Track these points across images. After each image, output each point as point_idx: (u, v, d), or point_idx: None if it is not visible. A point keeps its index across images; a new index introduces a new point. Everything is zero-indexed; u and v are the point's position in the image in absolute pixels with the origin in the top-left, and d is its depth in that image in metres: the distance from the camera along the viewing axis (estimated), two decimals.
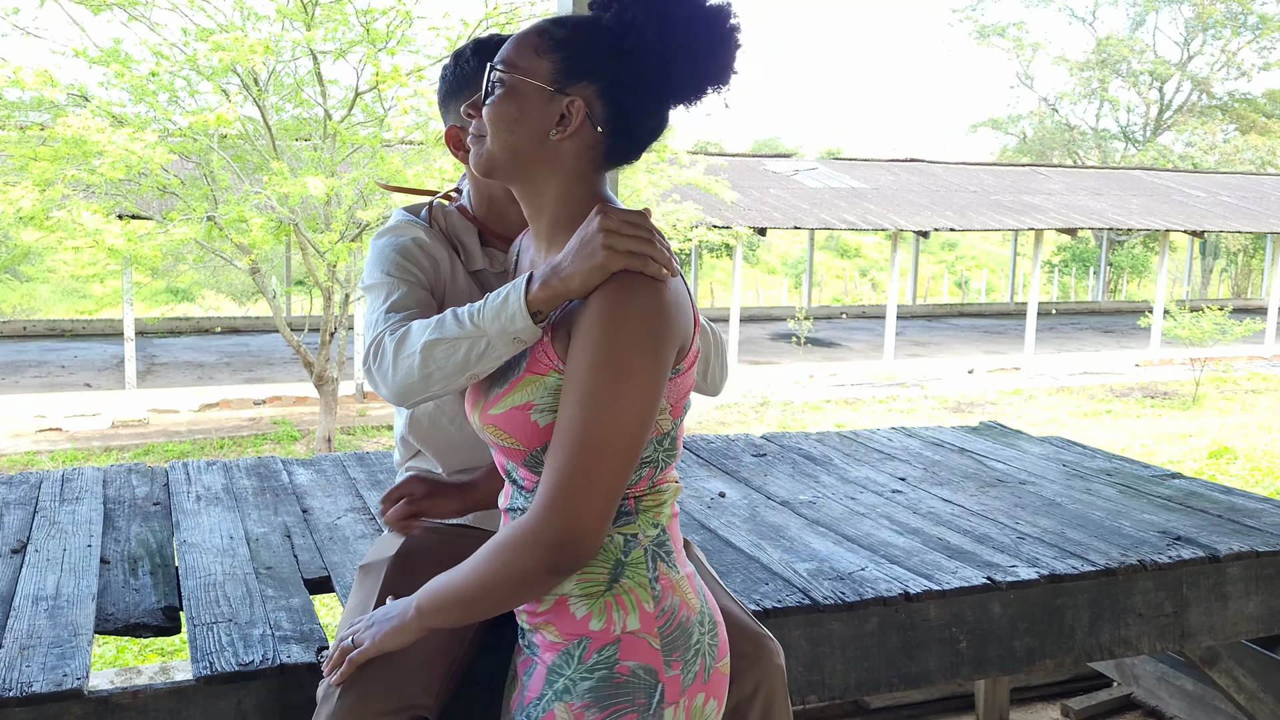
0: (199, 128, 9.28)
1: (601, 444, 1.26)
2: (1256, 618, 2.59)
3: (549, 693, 1.35)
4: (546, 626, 1.38)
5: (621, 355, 1.26)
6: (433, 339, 1.41)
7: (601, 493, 1.27)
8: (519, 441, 1.34)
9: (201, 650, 1.87)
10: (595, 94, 1.33)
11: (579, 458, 1.26)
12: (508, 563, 1.30)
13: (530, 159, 1.36)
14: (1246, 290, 30.55)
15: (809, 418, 13.12)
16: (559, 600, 1.36)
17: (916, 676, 2.28)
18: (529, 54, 1.35)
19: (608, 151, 1.36)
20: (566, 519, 1.26)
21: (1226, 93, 34.36)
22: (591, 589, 1.34)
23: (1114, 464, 3.50)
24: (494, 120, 1.35)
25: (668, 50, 1.30)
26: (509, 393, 1.35)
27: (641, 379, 1.27)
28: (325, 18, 9.75)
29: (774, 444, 3.68)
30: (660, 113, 1.36)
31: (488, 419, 1.37)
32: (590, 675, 1.33)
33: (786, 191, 18.24)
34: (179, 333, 17.81)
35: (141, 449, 10.96)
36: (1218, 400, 15.14)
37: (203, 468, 3.15)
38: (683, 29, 1.30)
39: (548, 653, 1.37)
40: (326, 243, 9.57)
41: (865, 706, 4.11)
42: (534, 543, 1.28)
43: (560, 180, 1.37)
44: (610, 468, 1.27)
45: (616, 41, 1.32)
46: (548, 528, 1.27)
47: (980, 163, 26.50)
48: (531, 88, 1.34)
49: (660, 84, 1.33)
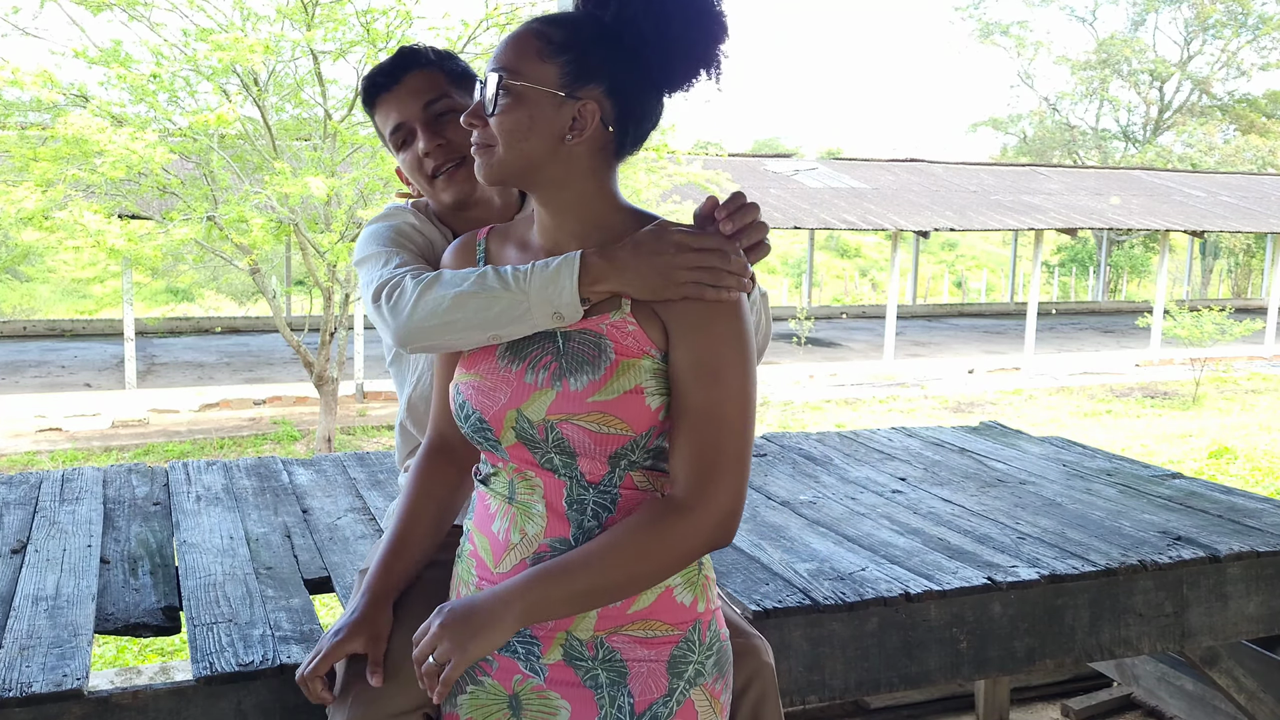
0: (199, 128, 9.27)
1: (744, 424, 1.34)
2: (1257, 618, 2.59)
3: (679, 684, 1.39)
4: (646, 624, 1.38)
5: (745, 323, 1.36)
6: (470, 290, 1.40)
7: (746, 464, 1.35)
8: (629, 425, 1.34)
9: (201, 650, 1.87)
10: (604, 94, 1.35)
11: (730, 437, 1.33)
12: (665, 542, 1.33)
13: (545, 164, 1.37)
14: (1246, 290, 30.55)
15: (809, 418, 13.12)
16: (664, 593, 1.39)
17: (917, 677, 2.28)
18: (533, 59, 1.34)
19: (618, 147, 1.39)
20: (728, 495, 1.33)
21: (1226, 93, 34.37)
22: (690, 574, 1.42)
23: (1114, 464, 3.50)
24: (506, 130, 1.35)
25: (665, 42, 1.33)
26: (610, 378, 1.34)
27: (754, 346, 1.38)
28: (325, 18, 9.75)
29: (774, 444, 3.68)
30: (661, 102, 1.40)
31: (589, 406, 1.33)
32: (711, 651, 1.43)
33: (786, 191, 18.24)
34: (179, 333, 17.81)
35: (141, 449, 10.96)
36: (1218, 400, 15.14)
37: (203, 468, 3.15)
38: (678, 20, 1.33)
39: (655, 648, 1.38)
40: (326, 243, 9.57)
41: (865, 706, 4.10)
42: (702, 521, 1.33)
43: (578, 181, 1.39)
44: (749, 438, 1.36)
45: (616, 39, 1.34)
46: (714, 505, 1.33)
47: (980, 163, 26.51)
48: (541, 94, 1.34)
49: (660, 76, 1.37)
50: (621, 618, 1.38)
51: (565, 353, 1.37)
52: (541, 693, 1.40)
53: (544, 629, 1.39)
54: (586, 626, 1.38)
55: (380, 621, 1.51)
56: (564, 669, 1.39)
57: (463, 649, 1.32)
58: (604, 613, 1.37)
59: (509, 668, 1.42)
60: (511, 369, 1.40)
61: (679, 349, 1.34)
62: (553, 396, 1.35)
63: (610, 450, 1.35)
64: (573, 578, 1.33)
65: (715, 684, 1.43)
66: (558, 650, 1.39)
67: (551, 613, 1.35)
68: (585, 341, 1.37)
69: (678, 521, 1.32)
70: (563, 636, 1.39)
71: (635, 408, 1.34)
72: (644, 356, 1.35)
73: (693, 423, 1.33)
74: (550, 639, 1.39)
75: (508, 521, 1.42)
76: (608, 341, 1.36)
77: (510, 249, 1.50)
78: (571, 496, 1.38)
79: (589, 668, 1.39)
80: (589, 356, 1.36)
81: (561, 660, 1.39)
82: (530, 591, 1.33)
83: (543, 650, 1.40)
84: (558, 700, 1.39)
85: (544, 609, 1.34)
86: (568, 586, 1.33)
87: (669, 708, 1.38)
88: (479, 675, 1.44)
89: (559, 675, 1.39)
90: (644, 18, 1.32)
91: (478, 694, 1.44)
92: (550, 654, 1.39)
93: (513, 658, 1.41)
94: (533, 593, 1.33)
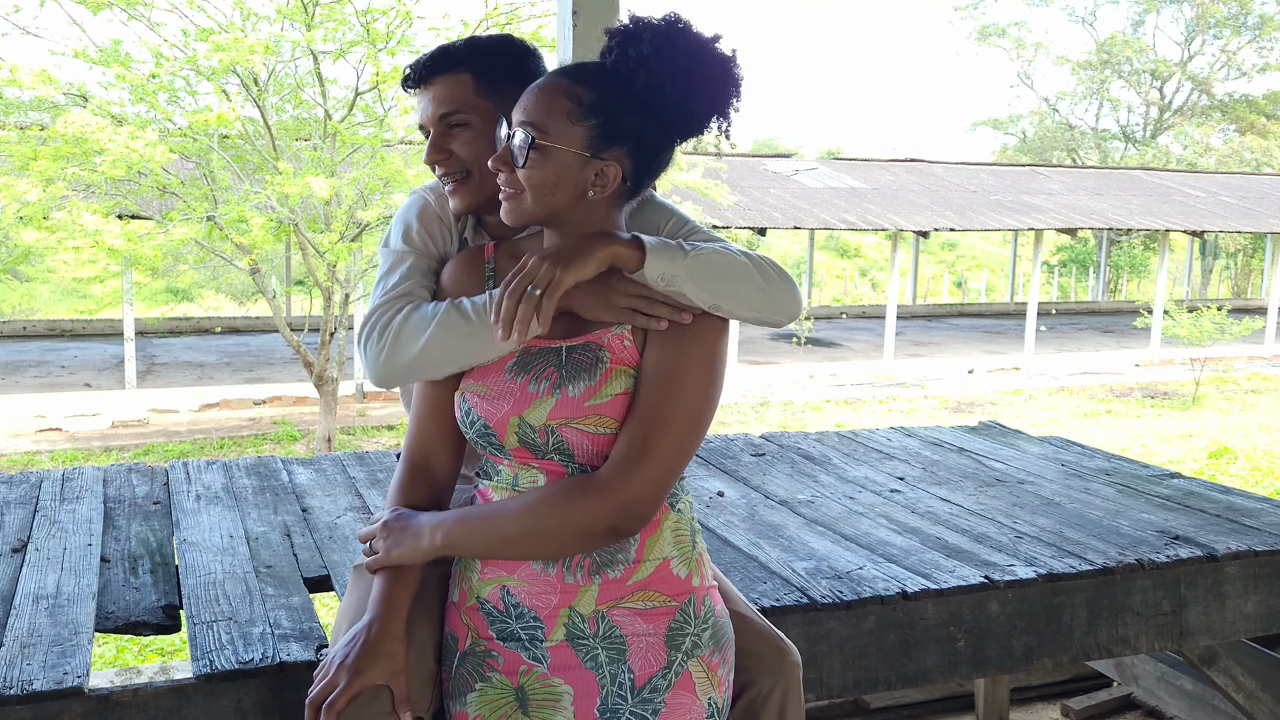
0: (199, 127, 9.28)
1: (683, 430, 1.43)
2: (1255, 617, 2.59)
3: (676, 656, 1.46)
4: (645, 595, 1.45)
5: (716, 349, 1.48)
6: (435, 336, 1.54)
7: (675, 465, 1.43)
8: (619, 423, 1.44)
9: (201, 648, 1.87)
10: (626, 154, 1.46)
11: (665, 432, 1.41)
12: (572, 511, 1.40)
13: (567, 213, 1.47)
14: (1246, 290, 30.54)
15: (809, 418, 13.12)
16: (661, 564, 1.47)
17: (914, 675, 2.28)
18: (562, 120, 1.43)
19: (630, 193, 1.51)
20: (642, 484, 1.40)
21: (1226, 93, 34.37)
22: (684, 549, 1.50)
23: (1113, 464, 3.50)
24: (533, 185, 1.45)
25: (686, 104, 1.44)
26: (604, 383, 1.45)
27: (722, 370, 1.48)
28: (325, 18, 9.75)
29: (773, 443, 3.69)
30: (674, 148, 1.52)
31: (586, 410, 1.43)
32: (706, 624, 1.50)
33: (786, 191, 18.24)
34: (179, 333, 17.81)
35: (141, 449, 10.96)
36: (1218, 400, 15.14)
37: (203, 467, 3.16)
38: (701, 83, 1.43)
39: (653, 621, 1.45)
40: (326, 243, 9.57)
41: (865, 706, 4.11)
42: (608, 499, 1.39)
43: (594, 223, 1.50)
44: (686, 444, 1.44)
45: (642, 103, 1.42)
46: (624, 490, 1.39)
47: (980, 163, 26.50)
48: (569, 155, 1.43)
49: (679, 131, 1.48)
50: (621, 590, 1.45)
51: (566, 364, 1.48)
52: (545, 680, 1.46)
53: (547, 607, 1.45)
54: (589, 601, 1.45)
55: (399, 653, 1.48)
56: (566, 651, 1.45)
57: (387, 553, 1.49)
58: (605, 585, 1.45)
59: (513, 660, 1.47)
60: (516, 380, 1.49)
61: (649, 355, 1.46)
62: (552, 403, 1.45)
63: (605, 450, 1.44)
64: (488, 524, 1.45)
65: (712, 657, 1.49)
66: (560, 630, 1.45)
67: (467, 550, 1.48)
68: (586, 354, 1.47)
69: (587, 497, 1.41)
70: (565, 614, 1.45)
71: (624, 407, 1.45)
72: (634, 366, 1.47)
73: (636, 417, 1.43)
74: (554, 617, 1.45)
75: None
76: (605, 353, 1.47)
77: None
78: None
79: (590, 646, 1.45)
80: (587, 366, 1.47)
81: (564, 640, 1.45)
82: (455, 528, 1.46)
83: (546, 631, 1.45)
84: (561, 686, 1.45)
85: (460, 546, 1.47)
86: (483, 531, 1.45)
87: (668, 679, 1.45)
88: (486, 672, 1.48)
89: (561, 659, 1.45)
90: (671, 84, 1.41)
91: (486, 691, 1.48)
92: (554, 634, 1.45)
93: (516, 648, 1.46)
94: (456, 529, 1.46)
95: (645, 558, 1.46)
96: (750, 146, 38.09)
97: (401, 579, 1.51)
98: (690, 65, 1.41)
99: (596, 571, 1.45)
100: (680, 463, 1.44)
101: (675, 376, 1.43)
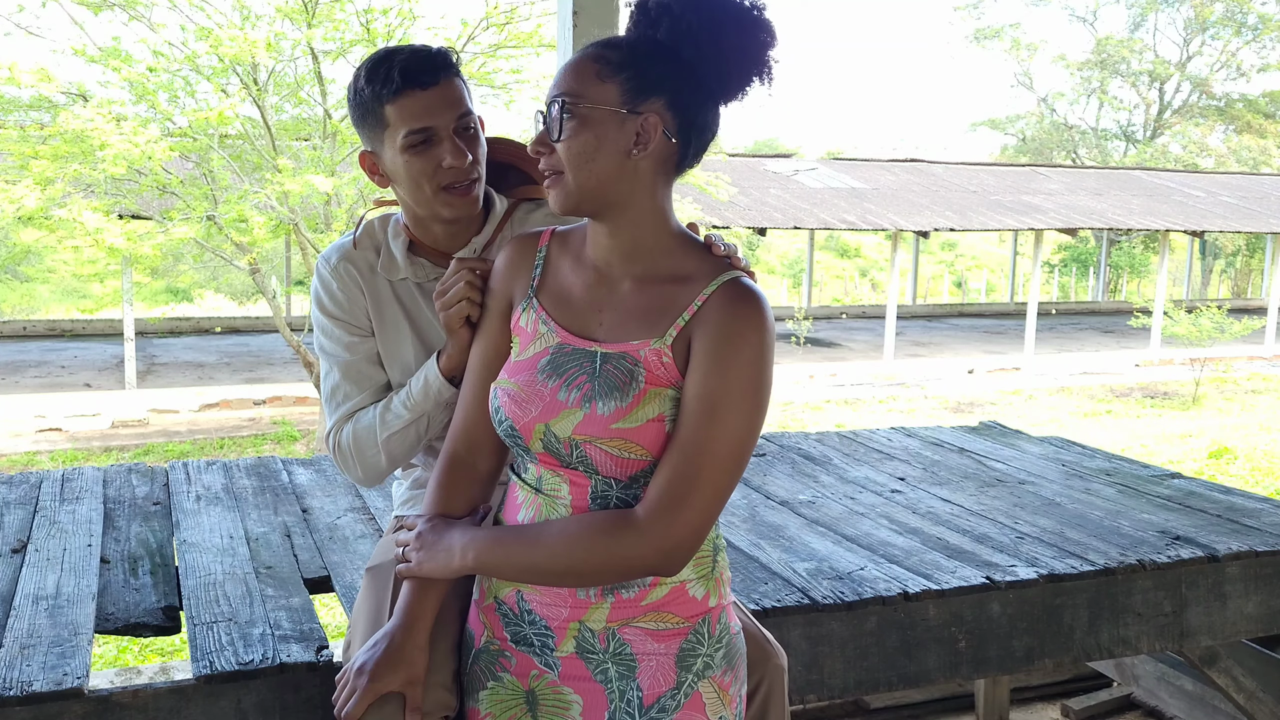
0: (199, 126, 9.28)
1: (728, 464, 1.36)
2: (1255, 617, 2.59)
3: (687, 677, 1.42)
4: (658, 615, 1.42)
5: (763, 373, 1.40)
6: (386, 436, 1.72)
7: (718, 504, 1.38)
8: (649, 451, 1.38)
9: (201, 649, 1.87)
10: (665, 106, 1.38)
11: (709, 469, 1.35)
12: (612, 553, 1.36)
13: (614, 183, 1.39)
14: (1246, 290, 30.53)
15: (809, 418, 13.12)
16: (677, 587, 1.42)
17: (915, 676, 2.28)
18: (592, 81, 1.38)
19: (680, 159, 1.43)
20: (684, 529, 1.35)
21: (1225, 93, 34.36)
22: (703, 571, 1.45)
23: (1113, 464, 3.50)
24: (573, 154, 1.38)
25: (719, 52, 1.38)
26: (636, 406, 1.37)
27: (767, 396, 1.41)
28: (325, 17, 9.75)
29: (773, 444, 3.69)
30: (718, 112, 1.43)
31: (613, 432, 1.37)
32: (720, 644, 1.46)
33: (786, 191, 18.24)
34: (179, 333, 17.79)
35: (141, 449, 10.96)
36: (1218, 400, 15.14)
37: (203, 468, 3.15)
38: (732, 30, 1.38)
39: (664, 642, 1.42)
40: (326, 242, 9.57)
41: (865, 706, 4.10)
42: (650, 541, 1.35)
43: (640, 198, 1.42)
44: (730, 481, 1.38)
45: (674, 53, 1.38)
46: (668, 532, 1.35)
47: (980, 163, 26.49)
48: (604, 113, 1.37)
49: (716, 86, 1.41)
50: (635, 609, 1.42)
51: (600, 374, 1.41)
52: (555, 687, 1.45)
53: (558, 619, 1.43)
54: (599, 618, 1.42)
55: (418, 661, 1.48)
56: (576, 662, 1.44)
57: (419, 565, 1.48)
58: (617, 603, 1.41)
59: (525, 664, 1.47)
60: (548, 384, 1.43)
61: (691, 379, 1.38)
62: (580, 417, 1.39)
63: (630, 472, 1.40)
64: (524, 550, 1.41)
65: (724, 676, 1.46)
66: (570, 642, 1.44)
67: (498, 572, 1.46)
68: (620, 366, 1.40)
69: (628, 538, 1.36)
70: (575, 627, 1.43)
71: (656, 434, 1.38)
72: (671, 387, 1.39)
73: (679, 450, 1.36)
74: (564, 630, 1.43)
75: (533, 511, 1.45)
76: (641, 370, 1.39)
77: (566, 262, 1.51)
78: (596, 492, 1.42)
79: (599, 660, 1.43)
80: (620, 382, 1.39)
81: (574, 653, 1.44)
82: (487, 551, 1.43)
83: (556, 642, 1.44)
84: (570, 695, 1.44)
85: (492, 567, 1.45)
86: (517, 560, 1.42)
87: (677, 700, 1.42)
88: (498, 671, 1.49)
89: (571, 669, 1.44)
90: (701, 29, 1.36)
91: (497, 690, 1.49)
92: (564, 645, 1.44)
93: (528, 652, 1.46)
94: (489, 553, 1.43)
95: (662, 581, 1.42)
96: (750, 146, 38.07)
97: (429, 590, 1.50)
98: (714, 4, 1.37)
99: (610, 591, 1.41)
100: (723, 499, 1.38)
101: (720, 404, 1.35)
